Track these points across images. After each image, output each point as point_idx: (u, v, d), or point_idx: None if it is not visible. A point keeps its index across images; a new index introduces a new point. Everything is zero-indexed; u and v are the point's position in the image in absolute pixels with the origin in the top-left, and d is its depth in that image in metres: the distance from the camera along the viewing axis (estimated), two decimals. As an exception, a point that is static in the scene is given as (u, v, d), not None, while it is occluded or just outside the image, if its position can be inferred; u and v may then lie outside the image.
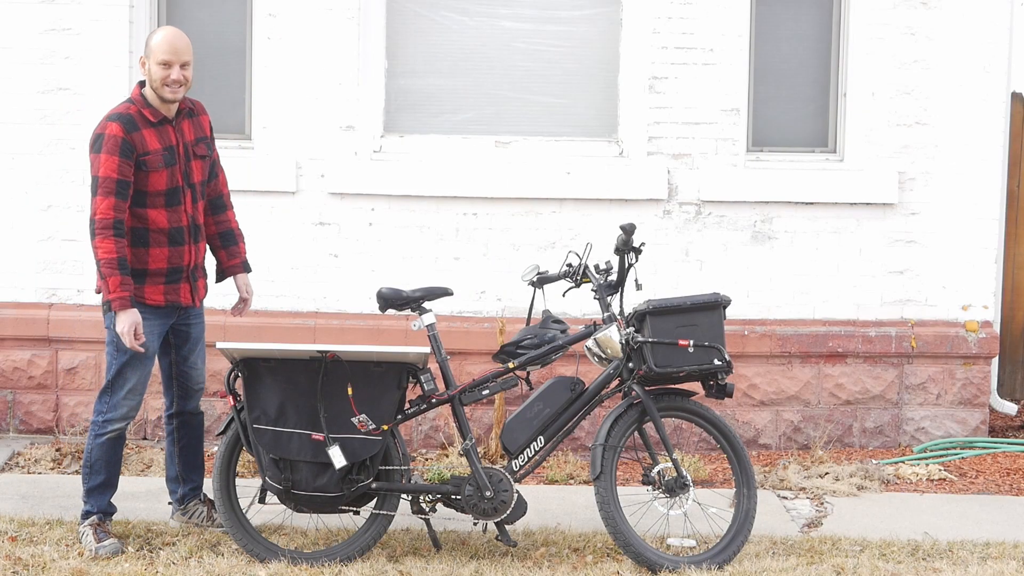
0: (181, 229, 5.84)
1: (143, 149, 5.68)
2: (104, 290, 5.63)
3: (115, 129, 5.60)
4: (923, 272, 7.91)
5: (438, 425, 7.73)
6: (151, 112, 5.74)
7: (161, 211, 5.76)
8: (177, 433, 6.11)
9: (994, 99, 7.88)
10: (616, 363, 5.94)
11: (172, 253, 5.82)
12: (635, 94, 7.81)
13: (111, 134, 5.58)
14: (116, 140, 5.60)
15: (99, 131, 5.63)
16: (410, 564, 5.77)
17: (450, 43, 7.93)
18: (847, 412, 7.90)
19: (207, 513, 6.14)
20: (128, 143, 5.63)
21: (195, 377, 6.09)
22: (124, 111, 5.70)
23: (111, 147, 5.58)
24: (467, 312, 7.81)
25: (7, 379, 7.76)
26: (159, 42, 5.72)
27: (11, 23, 7.66)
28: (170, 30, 5.80)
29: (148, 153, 5.69)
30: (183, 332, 6.01)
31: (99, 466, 5.89)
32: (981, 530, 6.47)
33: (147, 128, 5.72)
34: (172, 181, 5.78)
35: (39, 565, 5.58)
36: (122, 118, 5.65)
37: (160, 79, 5.70)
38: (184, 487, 6.16)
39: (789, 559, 5.94)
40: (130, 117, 5.68)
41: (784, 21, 8.00)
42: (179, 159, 5.82)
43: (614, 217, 7.71)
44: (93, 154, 5.62)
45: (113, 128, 5.60)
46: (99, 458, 5.88)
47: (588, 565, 5.84)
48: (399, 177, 7.75)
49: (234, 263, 6.16)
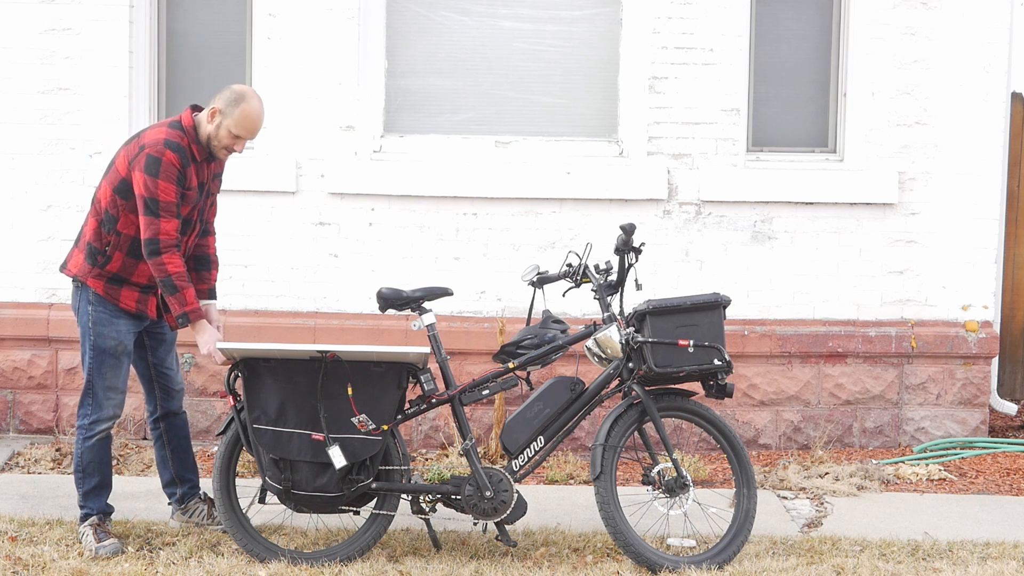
0: None
1: (187, 184, 5.72)
2: (178, 303, 5.67)
3: (173, 159, 5.61)
4: (923, 272, 7.92)
5: (438, 425, 7.73)
6: (199, 150, 5.75)
7: None
8: (166, 436, 6.12)
9: (994, 99, 7.88)
10: (616, 363, 5.93)
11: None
12: (635, 94, 7.81)
13: (169, 162, 5.60)
14: (174, 170, 5.62)
15: (156, 155, 5.61)
16: (410, 564, 5.77)
17: (450, 43, 7.94)
18: (847, 412, 7.90)
19: (207, 511, 6.16)
20: (183, 175, 5.67)
21: (173, 377, 6.12)
22: (178, 141, 5.67)
23: (170, 175, 5.61)
24: (467, 312, 7.81)
25: (7, 379, 7.76)
26: (243, 117, 5.70)
27: (11, 23, 7.66)
28: (257, 107, 5.75)
29: (190, 189, 5.74)
30: (157, 335, 6.04)
31: (92, 468, 5.91)
32: (981, 530, 6.47)
33: (193, 164, 5.75)
34: (190, 215, 5.82)
35: (39, 565, 5.58)
36: (180, 150, 5.65)
37: (225, 147, 5.75)
38: (182, 487, 6.17)
39: (789, 559, 5.94)
40: (184, 150, 5.68)
41: (784, 21, 8.01)
42: (202, 197, 5.88)
43: (614, 217, 7.71)
44: (148, 176, 5.59)
45: (172, 158, 5.61)
46: (91, 460, 5.90)
47: (588, 565, 5.84)
48: (399, 177, 7.75)
49: (201, 288, 6.08)
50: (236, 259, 7.75)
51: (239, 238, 7.75)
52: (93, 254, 5.78)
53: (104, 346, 5.81)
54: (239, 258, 7.75)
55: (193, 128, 5.74)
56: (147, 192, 5.60)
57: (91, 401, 5.84)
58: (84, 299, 5.82)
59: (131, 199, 5.67)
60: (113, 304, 5.80)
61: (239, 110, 5.70)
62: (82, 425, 5.87)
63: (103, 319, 5.80)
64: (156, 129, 5.73)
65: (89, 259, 5.79)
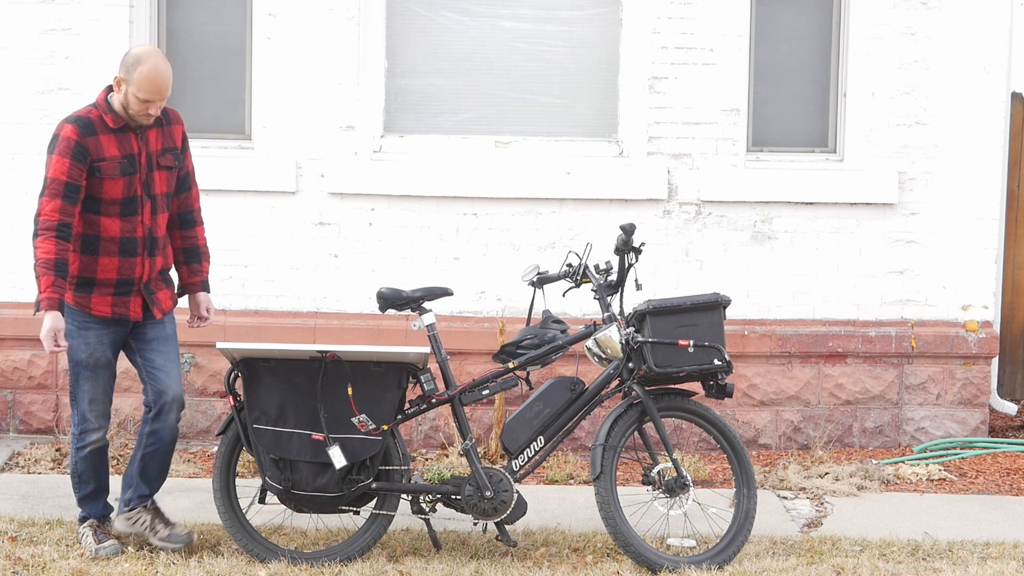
0: (135, 240, 5.61)
1: (98, 155, 5.48)
2: (38, 288, 5.42)
3: (69, 131, 5.43)
4: (923, 272, 7.92)
5: (438, 425, 7.73)
6: (112, 118, 5.53)
7: (115, 220, 5.57)
8: (148, 439, 5.75)
9: (994, 99, 7.88)
10: (616, 363, 5.93)
11: (123, 264, 5.60)
12: (635, 94, 7.81)
13: (65, 135, 5.42)
14: (69, 143, 5.43)
15: (55, 132, 5.47)
16: (410, 564, 5.77)
17: (450, 43, 7.93)
18: (847, 412, 7.90)
19: (150, 523, 5.81)
20: (81, 147, 5.44)
21: (164, 379, 5.71)
22: (84, 114, 5.51)
23: (63, 149, 5.41)
24: (467, 312, 7.81)
25: (7, 379, 7.76)
26: (143, 79, 5.45)
27: (11, 23, 7.66)
28: (156, 66, 5.47)
29: (104, 160, 5.49)
30: (139, 335, 5.76)
31: (87, 476, 5.84)
32: (981, 530, 6.47)
33: (105, 134, 5.51)
34: (130, 190, 5.56)
35: (39, 565, 5.58)
36: (80, 121, 5.47)
37: (137, 111, 5.51)
38: (133, 491, 5.84)
39: (789, 559, 5.94)
40: (88, 121, 5.49)
41: (784, 21, 8.01)
42: (140, 168, 5.59)
43: (614, 217, 7.71)
44: (48, 154, 5.46)
45: (68, 130, 5.43)
46: (85, 469, 5.82)
47: (588, 565, 5.84)
48: (399, 177, 7.75)
49: (194, 280, 5.92)
50: (236, 259, 7.75)
51: (239, 238, 7.75)
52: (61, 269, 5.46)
53: (77, 358, 5.62)
54: (239, 258, 7.75)
55: (106, 101, 5.53)
56: (46, 170, 5.44)
57: (75, 412, 5.72)
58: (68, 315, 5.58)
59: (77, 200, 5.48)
60: (84, 313, 5.60)
61: (138, 74, 5.43)
62: (73, 434, 5.79)
63: (71, 331, 5.57)
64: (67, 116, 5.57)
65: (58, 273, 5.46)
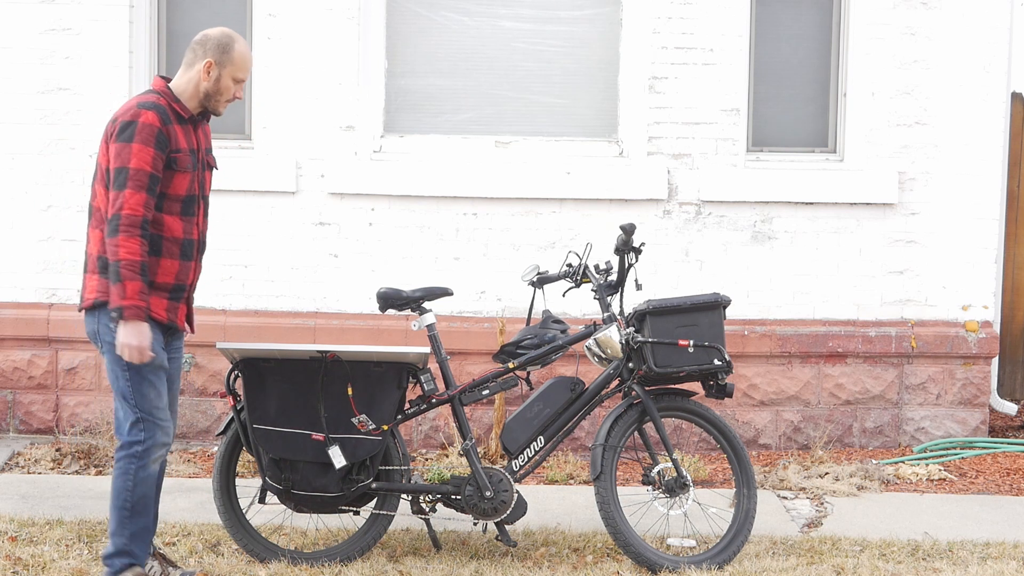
0: (192, 243, 5.21)
1: (175, 145, 5.06)
2: (117, 294, 4.93)
3: (151, 118, 4.95)
4: (923, 272, 7.92)
5: (438, 425, 7.73)
6: (181, 107, 5.13)
7: (177, 219, 5.12)
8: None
9: (994, 99, 7.88)
10: (616, 363, 5.93)
11: (181, 268, 5.18)
12: (635, 94, 7.81)
13: (146, 122, 4.93)
14: (152, 130, 4.95)
15: (129, 118, 4.94)
16: (410, 564, 5.77)
17: (450, 43, 7.94)
18: (847, 412, 7.90)
19: (160, 570, 5.34)
20: (163, 135, 4.98)
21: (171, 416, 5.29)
22: (156, 101, 5.03)
23: (146, 136, 4.92)
24: (467, 312, 7.81)
25: (7, 379, 7.76)
26: (242, 57, 5.15)
27: (11, 23, 7.66)
28: (243, 41, 5.22)
29: (179, 151, 5.07)
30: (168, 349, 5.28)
31: (143, 505, 5.10)
32: (981, 530, 6.47)
33: (177, 124, 5.10)
34: (191, 188, 5.16)
35: (39, 565, 5.58)
36: (157, 108, 5.00)
37: (228, 95, 5.17)
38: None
39: (789, 559, 5.94)
40: (163, 108, 5.03)
41: (784, 21, 8.01)
42: (198, 165, 5.23)
43: (614, 217, 7.71)
44: (120, 143, 4.91)
45: (149, 116, 4.95)
46: (143, 495, 5.09)
47: (588, 565, 5.84)
48: (399, 177, 7.75)
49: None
50: (236, 259, 7.75)
51: (239, 238, 7.75)
52: (107, 267, 5.00)
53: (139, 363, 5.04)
54: (239, 258, 7.75)
55: (167, 89, 5.12)
56: (118, 161, 4.90)
57: (143, 426, 5.05)
58: (106, 318, 5.03)
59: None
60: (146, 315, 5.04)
61: (236, 53, 5.13)
62: (134, 453, 5.05)
63: None
64: (126, 103, 5.11)
65: (105, 274, 5.03)
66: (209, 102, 5.20)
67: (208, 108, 5.22)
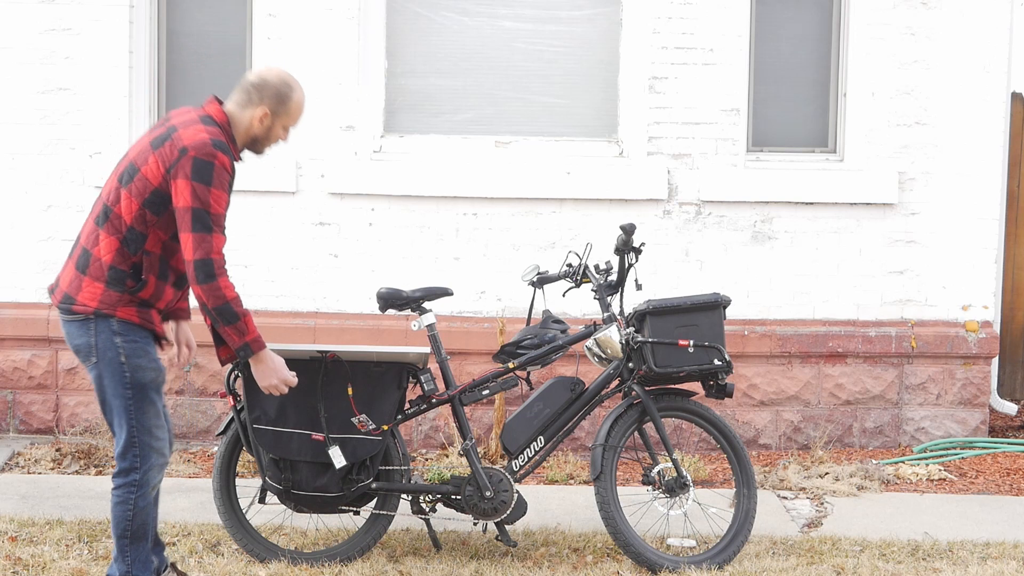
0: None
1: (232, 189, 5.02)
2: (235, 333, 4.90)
3: (226, 162, 4.85)
4: (923, 272, 7.92)
5: (438, 425, 7.73)
6: (235, 148, 5.04)
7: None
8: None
9: (994, 99, 7.88)
10: (616, 363, 5.93)
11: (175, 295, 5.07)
12: (635, 94, 7.81)
13: (222, 166, 4.83)
14: (227, 175, 4.87)
15: (205, 158, 4.80)
16: (410, 564, 5.77)
17: (450, 43, 7.94)
18: (847, 412, 7.90)
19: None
20: (232, 179, 4.93)
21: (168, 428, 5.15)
22: (224, 140, 4.90)
23: (222, 181, 4.84)
24: (467, 312, 7.81)
25: (7, 379, 7.76)
26: (298, 108, 5.09)
27: (11, 23, 7.66)
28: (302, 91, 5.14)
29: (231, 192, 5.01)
30: None
31: (143, 531, 4.99)
32: (981, 530, 6.47)
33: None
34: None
35: (39, 565, 5.58)
36: (228, 152, 4.89)
37: (275, 141, 5.10)
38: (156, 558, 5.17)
39: (789, 559, 5.94)
40: (230, 151, 4.92)
41: (784, 21, 8.01)
42: None
43: (614, 217, 7.71)
44: (198, 183, 4.77)
45: (224, 160, 4.84)
46: (143, 522, 4.99)
47: (588, 565, 5.84)
48: (399, 177, 7.75)
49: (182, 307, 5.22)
50: (236, 259, 7.74)
51: (239, 238, 7.75)
52: (120, 279, 4.84)
53: (144, 380, 4.89)
54: (239, 258, 7.75)
55: (227, 125, 4.98)
56: (197, 203, 4.77)
57: (138, 452, 4.91)
58: (107, 332, 4.85)
59: (164, 213, 4.84)
60: (148, 330, 4.92)
61: (292, 104, 5.06)
62: (133, 482, 4.92)
63: (139, 349, 4.88)
64: (190, 127, 4.87)
65: (116, 286, 4.84)
66: (255, 145, 5.12)
67: (251, 148, 5.14)
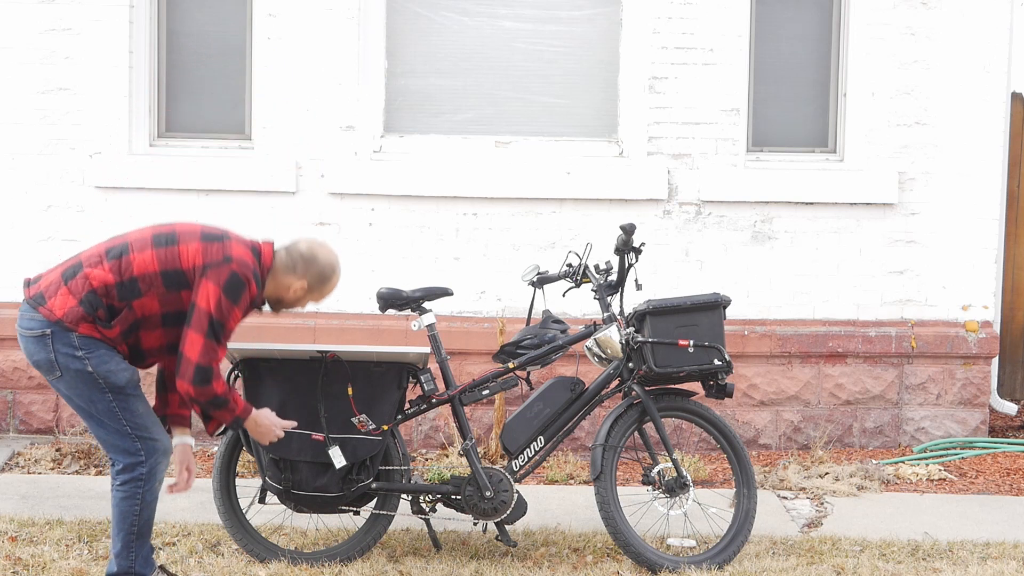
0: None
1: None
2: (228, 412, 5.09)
3: (254, 293, 5.06)
4: (923, 272, 7.92)
5: (438, 425, 7.73)
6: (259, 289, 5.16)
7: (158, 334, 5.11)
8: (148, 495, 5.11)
9: (994, 99, 7.88)
10: (616, 363, 5.93)
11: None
12: (635, 94, 7.81)
13: (250, 294, 5.04)
14: (248, 303, 5.08)
15: (243, 279, 5.00)
16: (410, 564, 5.77)
17: (450, 43, 7.93)
18: (847, 412, 7.90)
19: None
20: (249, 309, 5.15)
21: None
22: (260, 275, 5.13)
23: (243, 307, 5.05)
24: (467, 312, 7.81)
25: (7, 379, 7.76)
26: (331, 289, 5.29)
27: (11, 23, 7.66)
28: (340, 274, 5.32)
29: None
30: None
31: (148, 526, 5.07)
32: (981, 530, 6.47)
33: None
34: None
35: (39, 565, 5.57)
36: (259, 286, 5.12)
37: (298, 307, 5.29)
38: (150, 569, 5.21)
39: (789, 559, 5.94)
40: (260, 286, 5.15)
41: (784, 21, 8.01)
42: None
43: (614, 217, 7.71)
44: (227, 297, 4.96)
45: (253, 291, 5.05)
46: (149, 517, 5.07)
47: (588, 565, 5.84)
48: (399, 177, 7.75)
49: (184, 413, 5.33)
50: (236, 259, 7.75)
51: (239, 238, 7.75)
52: (93, 306, 4.93)
53: (120, 382, 4.97)
54: (239, 258, 7.75)
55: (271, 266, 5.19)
56: (219, 314, 4.95)
57: (140, 446, 4.99)
58: (67, 346, 4.90)
59: (173, 290, 4.97)
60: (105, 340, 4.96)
61: (329, 285, 5.27)
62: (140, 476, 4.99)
63: (104, 354, 4.94)
64: (242, 246, 5.08)
65: (86, 307, 4.91)
66: (276, 303, 5.31)
67: (271, 302, 5.31)
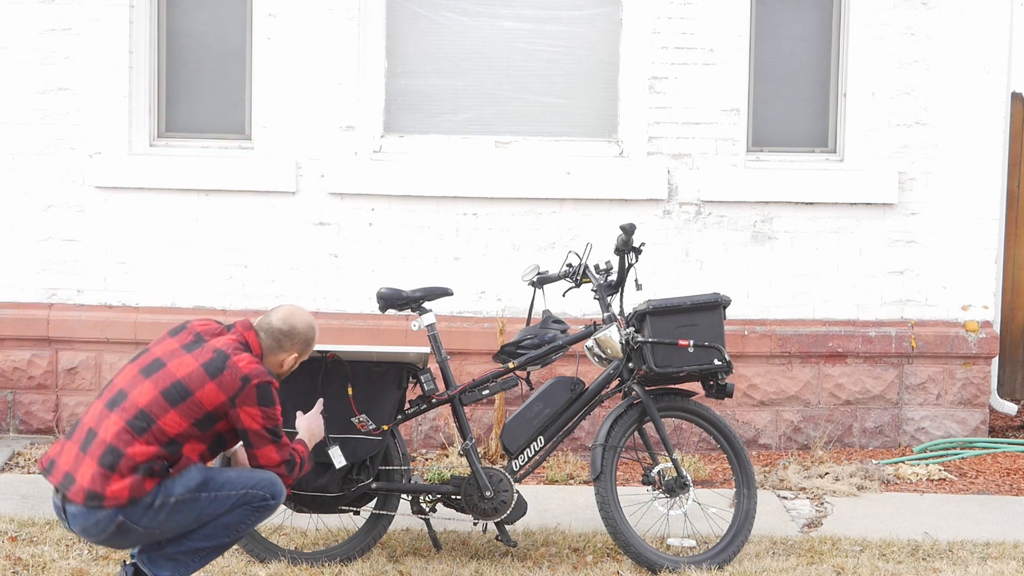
0: None
1: None
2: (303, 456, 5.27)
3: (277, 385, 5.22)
4: (923, 272, 7.92)
5: (438, 425, 7.73)
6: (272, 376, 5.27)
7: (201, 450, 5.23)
8: None
9: (994, 99, 7.88)
10: (616, 363, 5.94)
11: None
12: (635, 94, 7.81)
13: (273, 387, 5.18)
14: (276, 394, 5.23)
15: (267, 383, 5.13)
16: (410, 564, 5.77)
17: (450, 43, 7.93)
18: (847, 412, 7.90)
19: None
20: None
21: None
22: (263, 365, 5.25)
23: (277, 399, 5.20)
24: (467, 312, 7.81)
25: (7, 379, 7.76)
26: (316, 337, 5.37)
27: (11, 23, 7.66)
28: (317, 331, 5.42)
29: None
30: None
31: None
32: (981, 530, 6.47)
33: None
34: None
35: (39, 565, 5.58)
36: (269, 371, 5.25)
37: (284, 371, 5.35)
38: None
39: (789, 559, 5.94)
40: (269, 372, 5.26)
41: (784, 21, 8.01)
42: None
43: (614, 217, 7.71)
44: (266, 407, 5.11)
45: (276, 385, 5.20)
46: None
47: (588, 565, 5.84)
48: (399, 177, 7.75)
49: None
50: (236, 259, 7.75)
51: (239, 238, 7.75)
52: (150, 471, 4.99)
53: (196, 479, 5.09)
54: (239, 258, 7.75)
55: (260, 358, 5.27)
56: (268, 422, 5.14)
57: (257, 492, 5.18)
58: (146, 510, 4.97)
59: (209, 429, 5.10)
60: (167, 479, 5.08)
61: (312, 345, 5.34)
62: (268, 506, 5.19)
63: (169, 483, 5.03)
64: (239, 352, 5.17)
65: (145, 472, 4.97)
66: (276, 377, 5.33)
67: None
